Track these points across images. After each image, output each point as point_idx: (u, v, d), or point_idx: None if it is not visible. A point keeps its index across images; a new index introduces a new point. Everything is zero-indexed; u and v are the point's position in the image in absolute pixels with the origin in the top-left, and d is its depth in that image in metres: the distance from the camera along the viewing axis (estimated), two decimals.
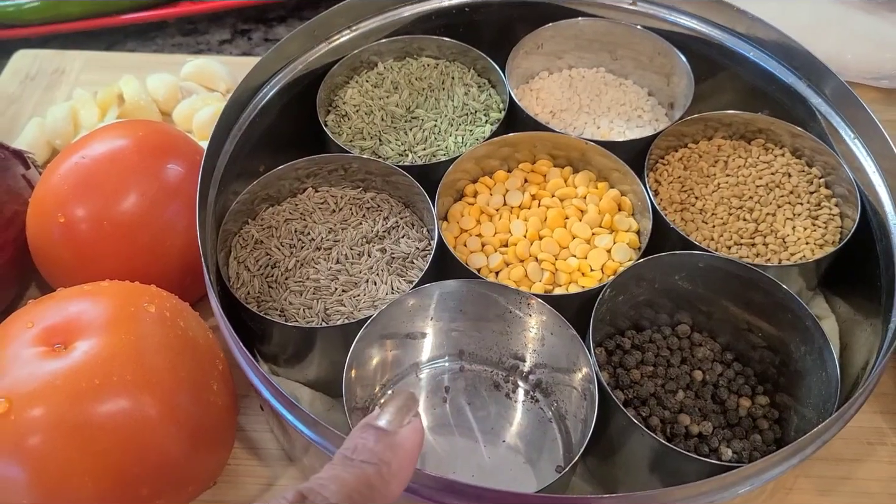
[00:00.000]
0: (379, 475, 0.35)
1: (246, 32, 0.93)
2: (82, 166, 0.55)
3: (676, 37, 0.66)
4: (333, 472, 0.34)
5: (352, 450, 0.35)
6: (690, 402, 0.53)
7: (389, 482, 0.35)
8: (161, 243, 0.56)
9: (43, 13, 0.86)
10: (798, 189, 0.59)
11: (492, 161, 0.61)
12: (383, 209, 0.59)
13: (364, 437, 0.36)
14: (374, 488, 0.34)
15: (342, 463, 0.35)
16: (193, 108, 0.73)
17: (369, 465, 0.35)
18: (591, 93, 0.69)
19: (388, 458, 0.35)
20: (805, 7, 0.80)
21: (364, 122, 0.64)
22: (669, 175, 0.61)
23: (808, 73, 0.60)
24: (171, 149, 0.58)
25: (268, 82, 0.61)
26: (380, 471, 0.35)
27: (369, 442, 0.36)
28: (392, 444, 0.36)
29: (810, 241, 0.56)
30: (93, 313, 0.47)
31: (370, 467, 0.35)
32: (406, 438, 0.37)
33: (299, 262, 0.55)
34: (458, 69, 0.67)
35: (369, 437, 0.36)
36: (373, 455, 0.35)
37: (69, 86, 0.80)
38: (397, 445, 0.36)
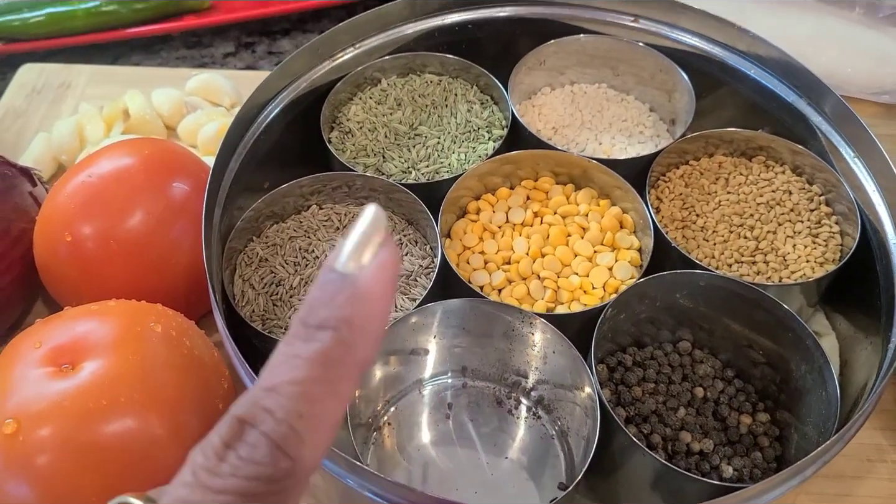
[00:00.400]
0: (340, 343, 0.26)
1: (250, 45, 0.94)
2: (89, 185, 0.55)
3: (678, 54, 0.66)
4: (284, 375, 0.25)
5: (307, 312, 0.26)
6: (692, 419, 0.53)
7: (354, 347, 0.26)
8: (167, 261, 0.56)
9: (48, 27, 0.86)
10: (799, 207, 0.59)
11: (494, 178, 0.62)
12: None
13: (320, 291, 0.26)
14: (336, 363, 0.25)
15: (296, 337, 0.26)
16: (198, 124, 0.73)
17: (328, 330, 0.25)
18: (593, 109, 0.69)
19: (347, 314, 0.26)
20: (806, 22, 0.80)
21: (367, 138, 0.64)
22: (671, 192, 0.61)
23: (809, 91, 0.61)
24: (177, 167, 0.58)
25: (272, 100, 0.62)
26: (340, 337, 0.26)
27: (326, 295, 0.26)
28: (353, 294, 0.26)
29: (811, 260, 0.56)
30: (100, 333, 0.47)
31: (326, 335, 0.25)
32: (371, 280, 0.26)
33: (303, 279, 0.56)
34: (460, 86, 0.68)
35: (326, 289, 0.26)
36: (330, 317, 0.26)
37: (75, 99, 0.81)
38: (360, 294, 0.26)
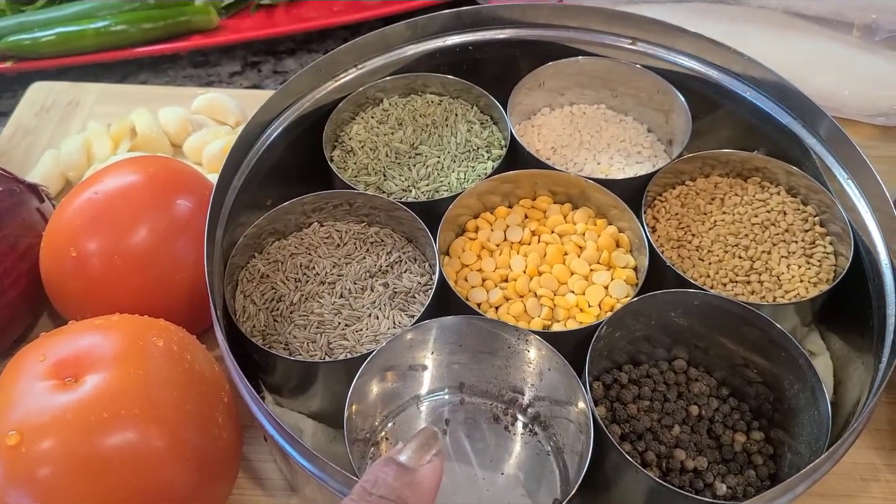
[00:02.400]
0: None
1: (256, 64, 0.95)
2: (94, 202, 0.57)
3: (675, 76, 0.67)
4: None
5: (371, 483, 0.36)
6: (686, 436, 0.54)
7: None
8: (170, 276, 0.57)
9: (58, 46, 0.88)
10: (793, 227, 0.60)
11: (493, 197, 0.63)
12: (386, 244, 0.60)
13: (384, 472, 0.36)
14: None
15: (360, 497, 0.35)
16: (203, 142, 0.75)
17: (387, 501, 0.35)
18: (592, 129, 0.70)
19: (406, 495, 0.35)
20: (804, 44, 0.82)
21: (369, 157, 0.65)
22: (667, 212, 0.62)
23: (803, 113, 0.62)
24: (181, 184, 0.60)
25: (275, 119, 0.63)
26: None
27: (389, 477, 0.36)
28: (411, 482, 0.36)
29: (804, 279, 0.57)
30: (103, 347, 0.48)
31: None
32: (426, 476, 0.37)
33: (304, 296, 0.57)
34: (461, 106, 0.69)
35: (389, 471, 0.36)
36: (391, 491, 0.35)
37: (83, 117, 0.82)
38: (416, 483, 0.36)
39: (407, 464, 0.37)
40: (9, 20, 0.90)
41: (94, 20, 0.89)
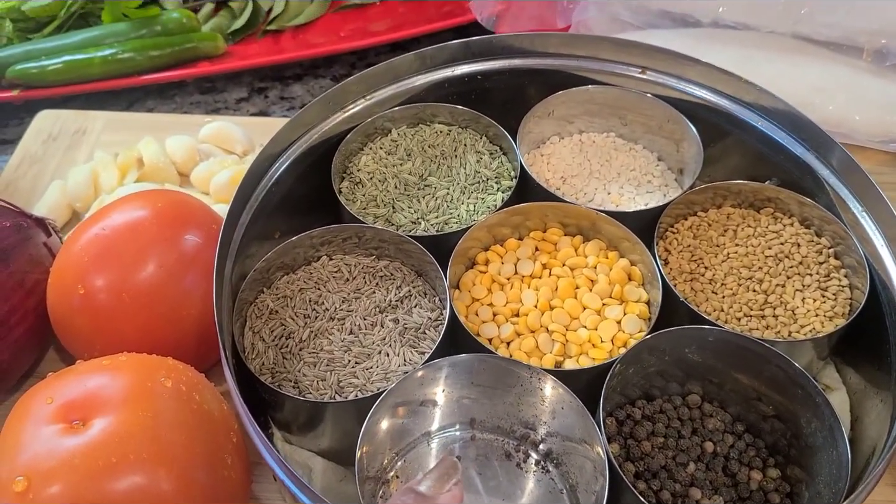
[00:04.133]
0: None
1: (263, 90, 0.95)
2: (102, 238, 0.56)
3: (685, 105, 0.67)
4: None
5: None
6: (701, 474, 0.53)
7: None
8: (178, 312, 0.57)
9: (65, 74, 0.88)
10: (807, 259, 0.59)
11: (503, 229, 0.62)
12: (396, 278, 0.59)
13: (404, 501, 0.37)
14: None
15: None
16: (211, 171, 0.74)
17: None
18: (602, 158, 0.70)
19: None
20: (814, 69, 0.81)
21: (378, 189, 0.65)
22: (679, 244, 0.61)
23: (816, 144, 0.61)
24: (189, 219, 0.59)
25: (284, 152, 0.63)
26: None
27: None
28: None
29: (820, 314, 0.56)
30: (111, 389, 0.48)
31: None
32: None
33: (313, 332, 0.56)
34: (470, 136, 0.68)
35: (409, 500, 0.37)
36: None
37: (90, 146, 0.82)
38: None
39: (427, 493, 0.38)
40: (16, 48, 0.90)
41: (100, 48, 0.89)
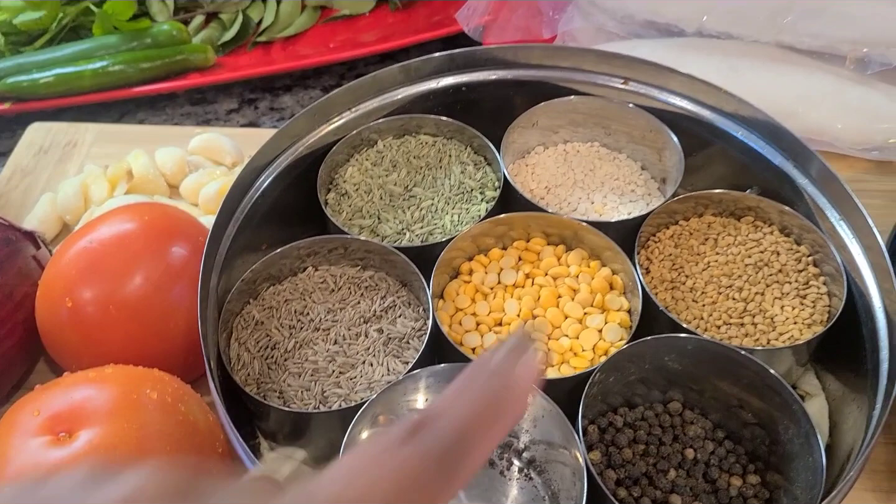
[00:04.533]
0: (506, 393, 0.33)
1: (253, 102, 0.96)
2: (90, 251, 0.57)
3: (667, 115, 0.68)
4: (448, 402, 0.33)
5: (468, 380, 0.34)
6: (682, 480, 0.54)
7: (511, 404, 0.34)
8: (165, 324, 0.57)
9: (56, 87, 0.89)
10: (787, 268, 0.60)
11: (487, 239, 0.63)
12: (381, 288, 0.60)
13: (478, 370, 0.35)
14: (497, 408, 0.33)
15: (457, 394, 0.33)
16: (200, 183, 0.75)
17: (497, 377, 0.34)
18: (586, 167, 0.71)
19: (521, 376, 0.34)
20: (797, 78, 0.82)
21: (363, 200, 0.65)
22: (661, 253, 0.62)
23: (794, 154, 0.62)
24: (176, 231, 0.60)
25: (270, 164, 0.63)
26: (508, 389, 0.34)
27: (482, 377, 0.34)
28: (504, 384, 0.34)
29: (798, 321, 0.57)
30: (97, 401, 0.48)
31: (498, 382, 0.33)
32: (520, 377, 0.35)
33: (298, 343, 0.57)
34: (455, 147, 0.69)
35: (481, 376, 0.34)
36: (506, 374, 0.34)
37: (81, 158, 0.83)
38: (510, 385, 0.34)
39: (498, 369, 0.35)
40: (7, 62, 0.91)
41: (91, 61, 0.90)
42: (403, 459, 0.30)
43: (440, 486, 0.30)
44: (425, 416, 0.31)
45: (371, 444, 0.32)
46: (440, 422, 0.31)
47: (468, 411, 0.32)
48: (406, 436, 0.30)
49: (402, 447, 0.30)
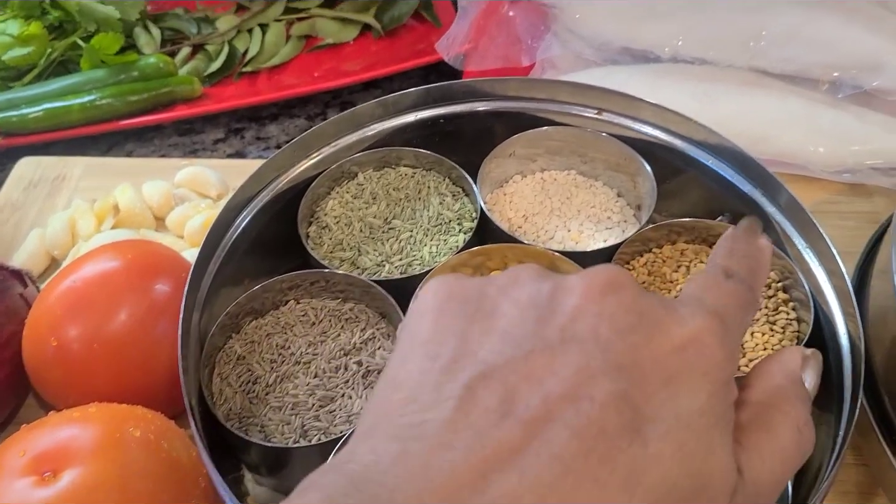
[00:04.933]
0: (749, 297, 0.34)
1: (239, 131, 0.97)
2: (74, 290, 0.58)
3: (641, 143, 0.69)
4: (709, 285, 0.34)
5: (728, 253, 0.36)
6: None
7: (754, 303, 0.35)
8: (149, 360, 0.59)
9: (45, 122, 0.90)
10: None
11: (465, 269, 0.64)
12: (361, 320, 0.62)
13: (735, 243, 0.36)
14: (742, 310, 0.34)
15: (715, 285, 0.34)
16: (185, 216, 0.77)
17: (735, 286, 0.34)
18: (563, 196, 0.72)
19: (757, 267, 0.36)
20: (770, 102, 0.84)
21: (344, 233, 0.67)
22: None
23: (763, 182, 0.63)
24: (160, 268, 0.61)
25: (251, 200, 0.65)
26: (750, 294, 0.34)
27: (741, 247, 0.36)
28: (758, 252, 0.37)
29: (768, 347, 0.58)
30: (80, 441, 0.50)
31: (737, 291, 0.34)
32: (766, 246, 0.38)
33: (279, 377, 0.58)
34: (433, 178, 0.71)
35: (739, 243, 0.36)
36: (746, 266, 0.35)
37: (69, 192, 0.85)
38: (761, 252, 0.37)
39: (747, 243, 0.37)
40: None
41: (79, 95, 0.91)
42: None
43: None
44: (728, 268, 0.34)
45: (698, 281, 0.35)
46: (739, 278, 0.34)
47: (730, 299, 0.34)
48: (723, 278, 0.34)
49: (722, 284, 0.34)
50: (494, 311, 0.31)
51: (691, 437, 0.28)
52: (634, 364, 0.29)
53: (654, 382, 0.29)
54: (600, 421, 0.27)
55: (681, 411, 0.29)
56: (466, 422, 0.27)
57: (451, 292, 0.32)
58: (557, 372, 0.28)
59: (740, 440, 0.31)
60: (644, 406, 0.28)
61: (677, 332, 0.30)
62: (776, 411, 0.33)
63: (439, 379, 0.29)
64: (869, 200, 0.80)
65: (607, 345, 0.29)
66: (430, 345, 0.30)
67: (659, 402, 0.29)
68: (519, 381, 0.28)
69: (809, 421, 0.34)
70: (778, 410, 0.33)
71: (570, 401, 0.27)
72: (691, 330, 0.31)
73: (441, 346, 0.30)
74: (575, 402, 0.27)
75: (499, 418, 0.27)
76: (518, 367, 0.28)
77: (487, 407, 0.27)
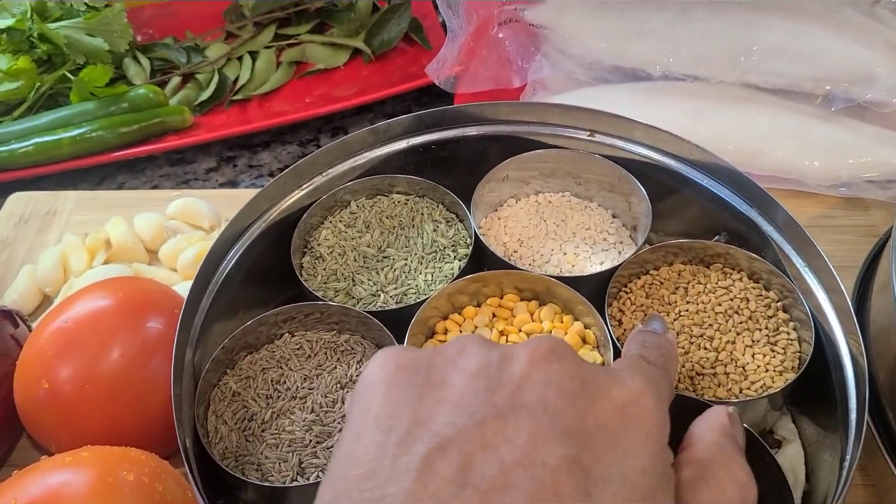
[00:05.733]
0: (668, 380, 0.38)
1: (231, 160, 0.97)
2: (64, 331, 0.58)
3: (634, 164, 0.69)
4: None
5: (641, 345, 0.40)
6: None
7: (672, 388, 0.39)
8: (142, 400, 0.58)
9: (36, 156, 0.90)
10: (756, 314, 0.60)
11: (461, 297, 0.64)
12: (357, 352, 0.61)
13: (646, 336, 0.41)
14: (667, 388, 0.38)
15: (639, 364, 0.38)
16: (178, 249, 0.76)
17: (656, 369, 0.38)
18: (558, 218, 0.72)
19: (668, 357, 0.40)
20: (763, 117, 0.83)
21: (338, 263, 0.66)
22: (632, 304, 0.63)
23: (758, 202, 0.63)
24: (151, 305, 0.61)
25: (243, 233, 0.64)
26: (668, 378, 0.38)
27: (653, 339, 0.40)
28: (668, 343, 0.41)
29: (770, 369, 0.57)
30: (73, 486, 0.49)
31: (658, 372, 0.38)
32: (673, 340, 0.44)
33: (275, 413, 0.57)
34: (427, 205, 0.70)
35: (650, 336, 0.41)
36: (659, 355, 0.39)
37: (61, 226, 0.84)
38: (671, 344, 0.42)
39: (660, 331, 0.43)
40: None
41: (69, 128, 0.91)
42: None
43: None
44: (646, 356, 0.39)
45: None
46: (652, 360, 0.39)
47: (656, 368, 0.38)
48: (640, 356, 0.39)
49: None
50: (443, 382, 0.32)
51: (637, 495, 0.30)
52: (581, 429, 0.30)
53: (601, 445, 0.30)
54: (554, 485, 0.28)
55: (626, 472, 0.30)
56: (426, 493, 0.28)
57: (398, 364, 0.34)
58: (511, 439, 0.29)
59: (686, 497, 0.33)
60: (593, 468, 0.30)
61: (618, 393, 0.33)
62: (718, 467, 0.35)
63: (395, 452, 0.30)
64: (865, 214, 0.79)
65: (556, 411, 0.31)
66: (382, 418, 0.31)
67: (607, 464, 0.30)
68: (474, 450, 0.29)
69: (749, 471, 0.36)
70: (720, 466, 0.36)
71: (525, 467, 0.29)
72: (632, 390, 0.33)
73: (394, 419, 0.31)
74: (529, 469, 0.28)
75: (458, 488, 0.28)
76: (472, 435, 0.29)
77: (445, 477, 0.28)
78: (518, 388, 0.31)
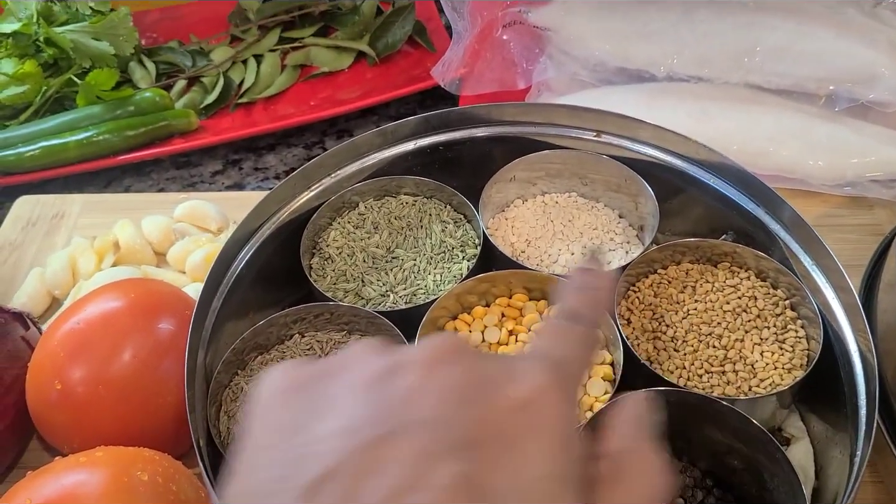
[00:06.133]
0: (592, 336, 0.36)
1: (237, 162, 0.97)
2: (76, 332, 0.58)
3: (641, 164, 0.69)
4: None
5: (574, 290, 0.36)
6: None
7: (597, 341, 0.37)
8: (154, 401, 0.58)
9: (42, 160, 0.90)
10: (764, 312, 0.61)
11: (470, 297, 0.64)
12: None
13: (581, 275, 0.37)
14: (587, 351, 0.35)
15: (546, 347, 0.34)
16: (186, 251, 0.76)
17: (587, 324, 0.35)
18: (564, 218, 0.72)
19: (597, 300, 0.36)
20: (767, 117, 0.84)
21: (347, 263, 0.67)
22: (640, 303, 0.63)
23: (765, 200, 0.63)
24: (163, 307, 0.61)
25: (253, 234, 0.65)
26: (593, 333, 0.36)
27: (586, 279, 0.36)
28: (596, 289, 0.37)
29: (778, 366, 0.58)
30: (87, 487, 0.49)
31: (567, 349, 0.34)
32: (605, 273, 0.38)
33: None
34: (434, 206, 0.70)
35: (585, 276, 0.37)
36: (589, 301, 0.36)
37: (68, 230, 0.84)
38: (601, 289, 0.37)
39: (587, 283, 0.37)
40: None
41: (76, 132, 0.91)
42: None
43: None
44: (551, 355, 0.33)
45: None
46: None
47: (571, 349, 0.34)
48: None
49: None
50: (330, 400, 0.30)
51: (540, 502, 0.28)
52: (475, 440, 0.29)
53: (497, 454, 0.29)
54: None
55: (525, 481, 0.28)
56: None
57: (285, 384, 0.32)
58: (400, 459, 0.27)
59: (600, 493, 0.31)
60: (489, 480, 0.28)
61: (514, 393, 0.30)
62: (635, 458, 0.33)
63: (281, 487, 0.28)
64: (870, 213, 0.79)
65: (447, 423, 0.29)
66: (269, 450, 0.29)
67: (504, 475, 0.28)
68: (361, 476, 0.27)
69: (666, 464, 0.34)
70: (637, 458, 0.33)
71: (416, 490, 0.27)
72: (529, 389, 0.30)
73: (276, 449, 0.29)
74: (420, 492, 0.27)
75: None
76: (358, 460, 0.28)
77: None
78: (406, 403, 0.29)
